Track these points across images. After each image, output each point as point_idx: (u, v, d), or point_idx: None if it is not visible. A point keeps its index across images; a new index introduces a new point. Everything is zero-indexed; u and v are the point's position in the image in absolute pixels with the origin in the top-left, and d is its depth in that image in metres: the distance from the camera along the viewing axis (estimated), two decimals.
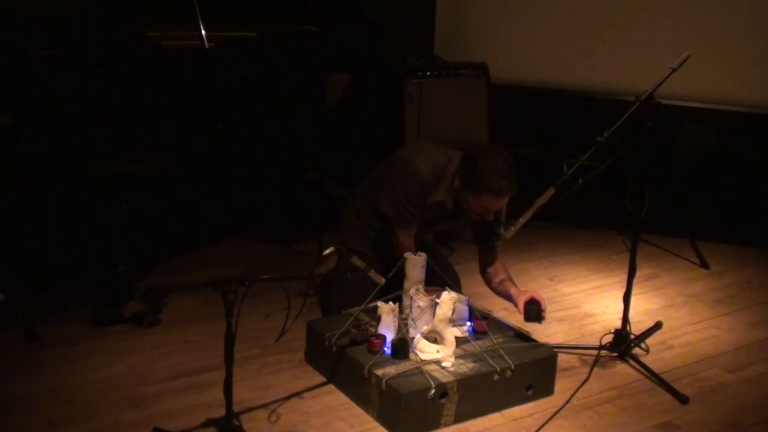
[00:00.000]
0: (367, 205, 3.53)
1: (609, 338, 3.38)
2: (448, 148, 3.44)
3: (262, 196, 4.88)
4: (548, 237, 4.85)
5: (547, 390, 3.09)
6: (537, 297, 3.22)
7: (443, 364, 2.93)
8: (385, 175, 3.47)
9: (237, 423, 2.67)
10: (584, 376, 3.13)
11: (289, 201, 4.97)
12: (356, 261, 2.96)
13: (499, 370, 2.93)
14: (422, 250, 3.29)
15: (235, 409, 2.68)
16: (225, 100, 3.76)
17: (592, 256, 4.61)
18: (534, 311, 3.19)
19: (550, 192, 3.13)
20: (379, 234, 3.54)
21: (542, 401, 3.05)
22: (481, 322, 3.16)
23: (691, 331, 3.72)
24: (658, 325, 3.60)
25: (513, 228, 3.24)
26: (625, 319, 3.35)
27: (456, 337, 3.02)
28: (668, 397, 3.14)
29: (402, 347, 2.97)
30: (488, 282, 3.51)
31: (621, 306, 3.36)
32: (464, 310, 3.18)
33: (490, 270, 3.48)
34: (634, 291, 3.37)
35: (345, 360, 3.01)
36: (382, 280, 2.98)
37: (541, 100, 5.27)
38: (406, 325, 3.08)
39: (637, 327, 3.45)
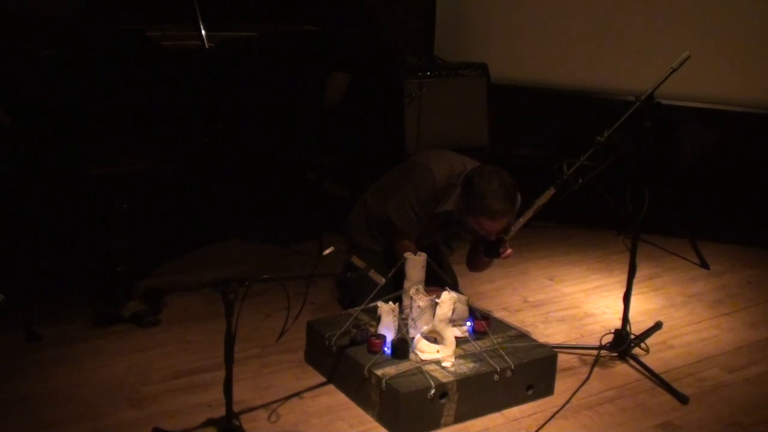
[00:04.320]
0: (376, 207, 3.53)
1: (609, 338, 3.38)
2: (466, 158, 3.45)
3: (261, 196, 4.87)
4: (548, 237, 4.84)
5: (547, 390, 3.09)
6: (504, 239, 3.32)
7: (443, 364, 2.92)
8: (399, 178, 3.48)
9: (237, 423, 2.67)
10: (584, 376, 3.14)
11: (289, 201, 4.96)
12: (356, 261, 2.97)
13: (499, 370, 2.93)
14: (423, 250, 3.29)
15: (235, 409, 2.68)
16: (225, 100, 3.76)
17: (592, 256, 4.60)
18: (494, 245, 3.27)
19: (550, 192, 3.12)
20: (385, 237, 3.54)
21: (542, 401, 3.05)
22: (481, 322, 3.16)
23: (691, 331, 3.72)
24: (658, 325, 3.60)
25: (513, 228, 3.25)
26: (625, 319, 3.34)
27: (456, 337, 3.03)
28: (668, 397, 3.13)
29: (402, 347, 2.97)
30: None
31: (621, 306, 3.36)
32: (464, 310, 3.18)
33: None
34: (634, 291, 3.37)
35: (345, 360, 3.01)
36: (382, 280, 2.98)
37: (541, 100, 5.27)
38: (406, 325, 3.08)
39: (637, 327, 3.45)
